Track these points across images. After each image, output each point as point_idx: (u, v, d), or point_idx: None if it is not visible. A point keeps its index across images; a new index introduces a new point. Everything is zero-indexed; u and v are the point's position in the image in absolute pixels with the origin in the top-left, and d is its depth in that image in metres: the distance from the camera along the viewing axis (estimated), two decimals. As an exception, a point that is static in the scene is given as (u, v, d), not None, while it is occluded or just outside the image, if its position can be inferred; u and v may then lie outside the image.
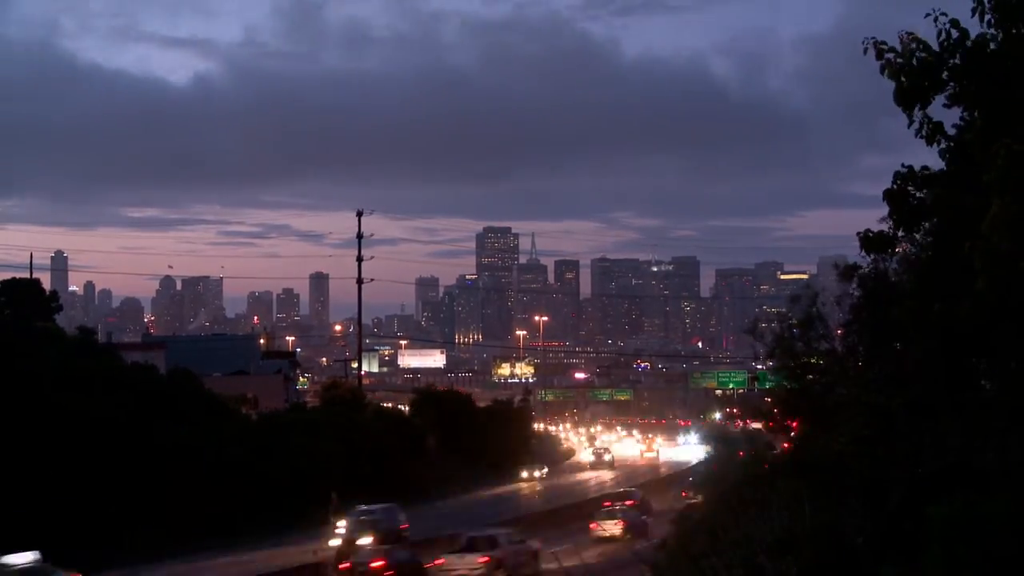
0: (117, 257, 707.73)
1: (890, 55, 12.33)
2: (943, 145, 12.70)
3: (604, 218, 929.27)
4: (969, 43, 12.04)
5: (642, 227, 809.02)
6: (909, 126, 12.55)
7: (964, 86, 12.26)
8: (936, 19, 12.11)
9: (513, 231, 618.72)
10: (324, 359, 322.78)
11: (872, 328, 17.76)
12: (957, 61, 12.15)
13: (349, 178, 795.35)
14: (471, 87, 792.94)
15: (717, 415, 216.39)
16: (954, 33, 12.05)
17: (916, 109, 12.49)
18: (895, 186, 13.20)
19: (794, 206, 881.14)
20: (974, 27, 12.28)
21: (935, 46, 12.26)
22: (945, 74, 12.28)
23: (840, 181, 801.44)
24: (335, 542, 56.80)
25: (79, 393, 62.08)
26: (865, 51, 12.46)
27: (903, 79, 12.27)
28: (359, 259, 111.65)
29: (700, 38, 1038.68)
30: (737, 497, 24.28)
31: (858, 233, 14.74)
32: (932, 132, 12.53)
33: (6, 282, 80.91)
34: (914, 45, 12.25)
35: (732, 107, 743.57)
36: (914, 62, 12.22)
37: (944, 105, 12.62)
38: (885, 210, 14.15)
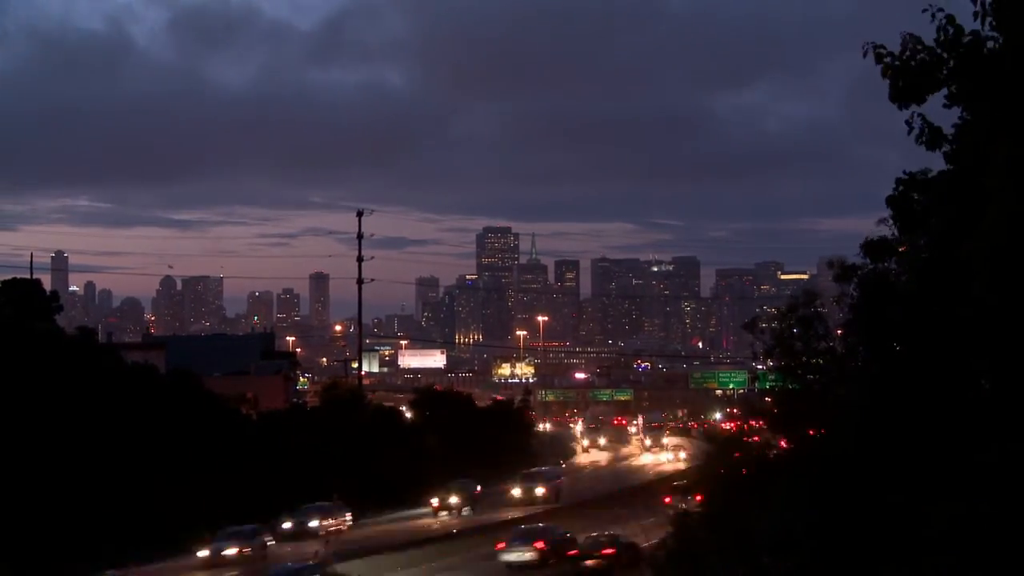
0: (144, 259, 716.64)
1: (888, 59, 12.34)
2: (944, 149, 12.70)
3: (638, 220, 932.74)
4: (965, 40, 12.03)
5: (671, 228, 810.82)
6: (909, 133, 12.54)
7: (961, 85, 12.26)
8: (933, 15, 12.11)
9: (513, 231, 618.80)
10: (324, 359, 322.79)
11: (871, 328, 17.74)
12: (955, 61, 12.14)
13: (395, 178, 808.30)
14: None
15: (717, 415, 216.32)
16: (950, 30, 12.05)
17: (913, 112, 12.48)
18: (897, 191, 13.19)
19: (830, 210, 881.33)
20: (974, 26, 12.26)
21: (932, 43, 12.26)
22: (944, 72, 12.27)
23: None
24: None
25: (78, 394, 62.03)
26: (864, 54, 12.45)
27: (899, 81, 12.28)
28: (359, 259, 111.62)
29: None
30: (737, 497, 24.28)
31: (861, 244, 14.75)
32: (932, 138, 12.52)
33: (6, 282, 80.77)
34: (912, 45, 12.25)
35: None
36: (912, 63, 12.22)
37: (944, 105, 12.60)
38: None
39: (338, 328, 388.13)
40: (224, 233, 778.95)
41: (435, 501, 79.95)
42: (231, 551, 59.02)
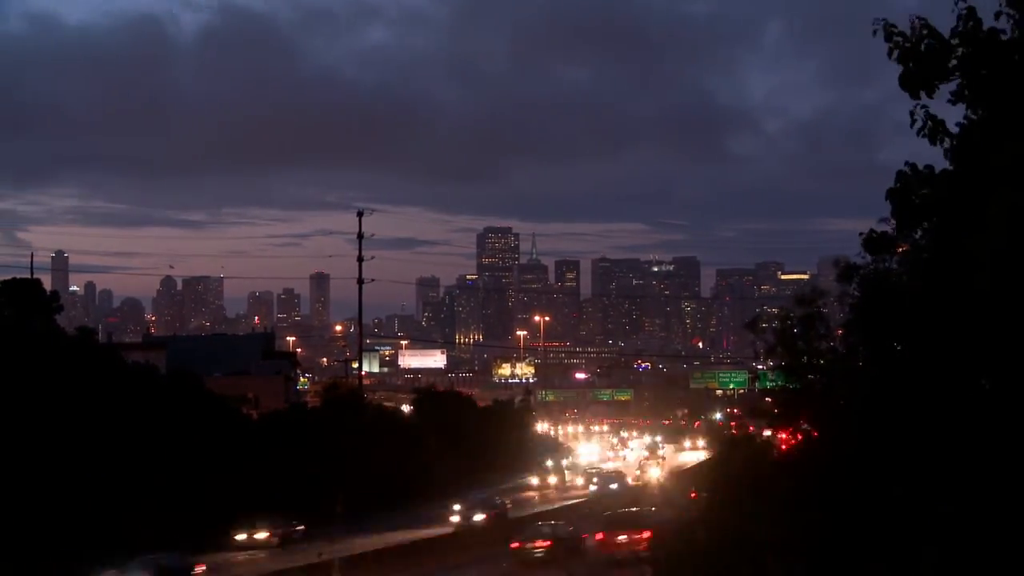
0: (155, 260, 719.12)
1: (899, 38, 12.27)
2: (946, 144, 12.64)
3: (651, 220, 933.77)
4: (983, 33, 11.97)
5: (684, 228, 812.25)
6: (912, 124, 12.47)
7: (970, 77, 12.19)
8: (956, 4, 12.07)
9: (514, 231, 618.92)
10: (324, 359, 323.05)
11: (872, 328, 17.72)
12: (966, 51, 12.08)
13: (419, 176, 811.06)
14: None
15: (718, 415, 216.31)
16: (970, 23, 11.99)
17: (917, 104, 12.42)
18: (898, 185, 13.11)
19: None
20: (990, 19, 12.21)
21: (947, 32, 12.20)
22: (953, 62, 12.21)
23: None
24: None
25: (78, 394, 62.03)
26: (875, 33, 12.39)
27: (910, 64, 12.21)
28: (359, 259, 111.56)
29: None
30: (738, 496, 24.25)
31: (860, 233, 14.69)
32: (934, 129, 12.46)
33: (6, 282, 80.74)
34: (924, 31, 12.19)
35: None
36: (922, 48, 12.15)
37: (949, 101, 12.53)
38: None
39: (338, 328, 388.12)
40: (237, 233, 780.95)
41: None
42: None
